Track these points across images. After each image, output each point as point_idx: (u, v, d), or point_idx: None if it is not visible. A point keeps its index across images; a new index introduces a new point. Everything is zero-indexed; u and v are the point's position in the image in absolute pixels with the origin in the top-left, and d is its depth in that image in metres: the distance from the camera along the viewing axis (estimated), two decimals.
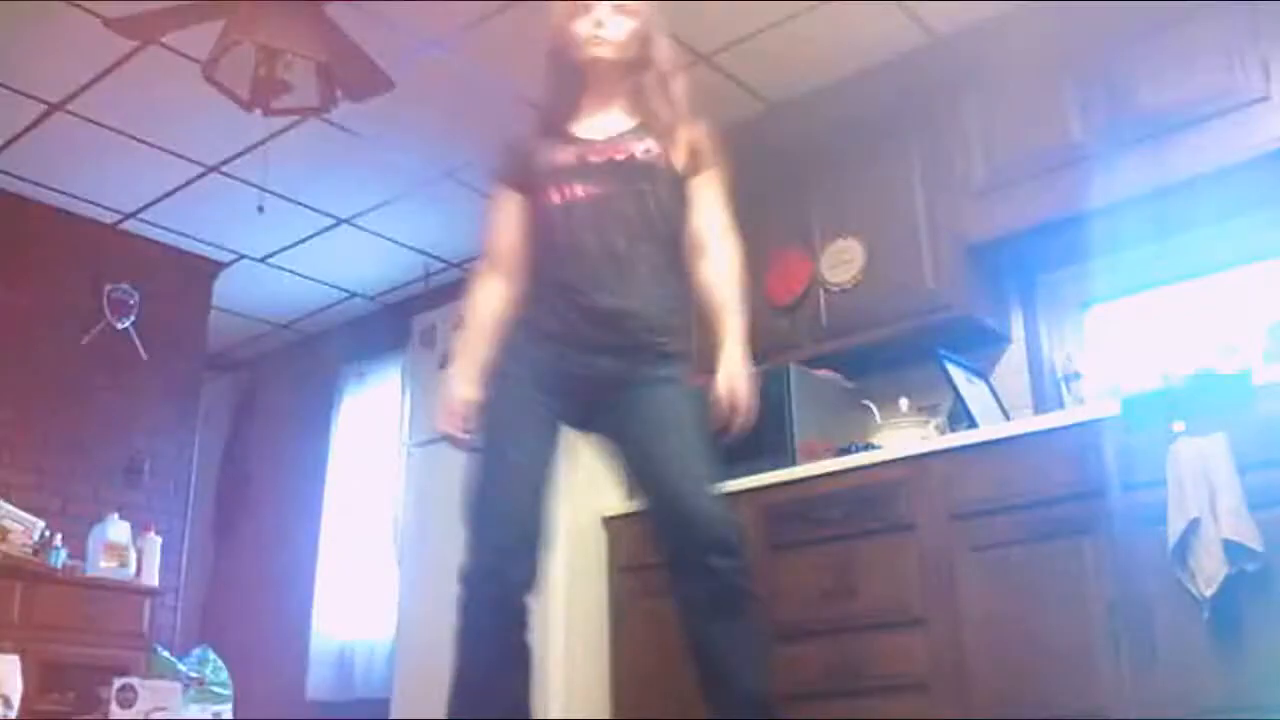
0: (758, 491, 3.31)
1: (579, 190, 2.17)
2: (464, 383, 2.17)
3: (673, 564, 2.07)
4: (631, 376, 2.12)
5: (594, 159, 2.20)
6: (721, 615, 2.01)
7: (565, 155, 2.22)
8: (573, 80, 2.30)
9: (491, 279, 2.26)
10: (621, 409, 2.13)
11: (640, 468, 2.13)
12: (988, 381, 3.55)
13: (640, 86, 2.28)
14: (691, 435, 2.10)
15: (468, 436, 2.15)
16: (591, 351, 2.12)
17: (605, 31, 2.23)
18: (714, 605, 2.01)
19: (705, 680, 2.02)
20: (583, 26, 2.24)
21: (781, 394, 3.47)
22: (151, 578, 4.49)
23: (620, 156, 2.20)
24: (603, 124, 2.27)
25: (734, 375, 2.13)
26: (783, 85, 4.07)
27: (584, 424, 2.20)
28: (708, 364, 2.15)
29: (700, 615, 2.03)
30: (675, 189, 2.23)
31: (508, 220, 2.27)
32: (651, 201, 2.19)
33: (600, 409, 2.15)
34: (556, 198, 2.19)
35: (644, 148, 2.21)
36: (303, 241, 5.31)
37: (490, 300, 2.24)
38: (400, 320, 5.14)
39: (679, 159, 2.24)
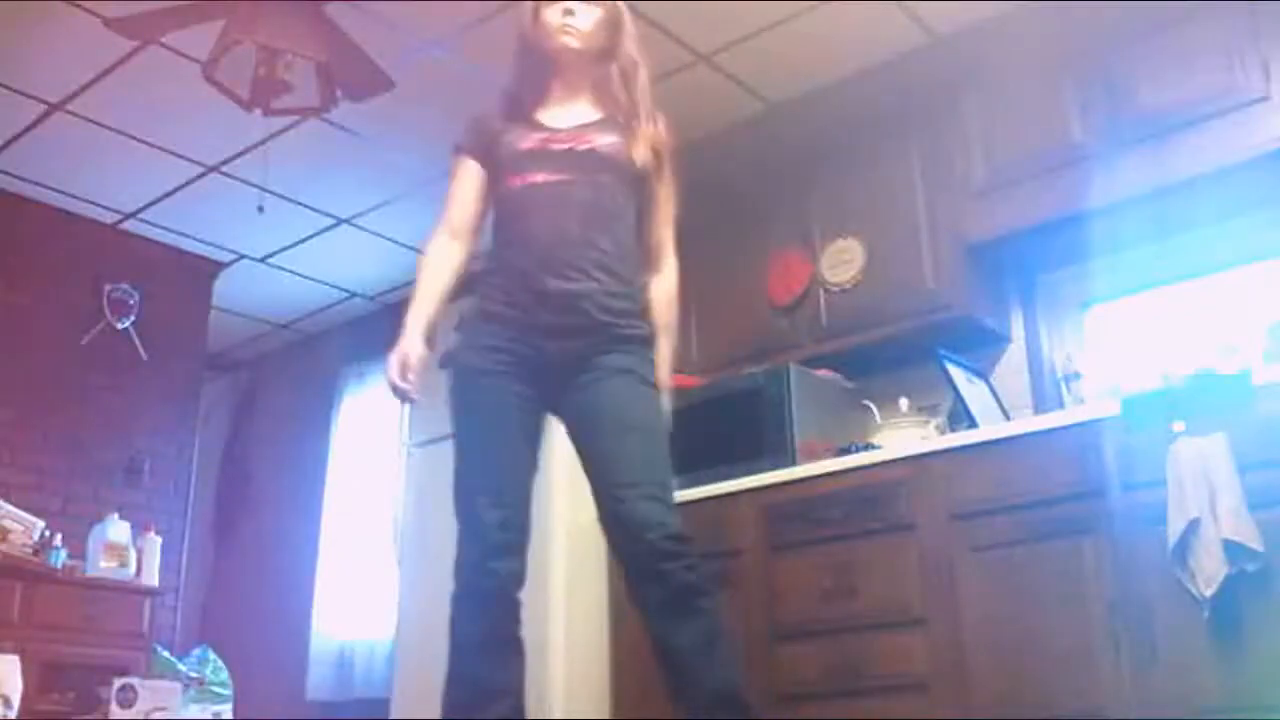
0: (758, 491, 3.31)
1: (538, 176, 2.20)
2: (417, 338, 2.21)
3: (624, 568, 2.09)
4: (585, 360, 2.13)
5: (555, 146, 2.23)
6: (677, 615, 2.01)
7: (528, 142, 2.25)
8: (541, 69, 2.32)
9: (448, 243, 2.30)
10: (575, 405, 2.15)
11: (588, 470, 2.14)
12: (988, 381, 3.54)
13: (606, 77, 2.30)
14: (639, 436, 2.11)
15: (415, 391, 2.19)
16: (544, 335, 2.14)
17: (574, 20, 2.26)
18: (668, 606, 2.02)
19: (672, 682, 2.03)
20: (552, 15, 2.26)
21: (781, 394, 3.47)
22: (151, 578, 4.49)
23: (582, 147, 2.22)
24: (569, 113, 2.29)
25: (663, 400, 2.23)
26: (783, 85, 4.06)
27: (553, 408, 2.21)
28: None
29: (657, 617, 2.04)
30: (633, 184, 2.25)
31: (469, 192, 2.31)
32: (608, 193, 2.21)
33: (560, 395, 2.16)
34: (516, 182, 2.22)
35: (607, 140, 2.23)
36: (303, 241, 5.31)
37: (446, 262, 2.28)
38: (400, 320, 5.12)
39: (640, 155, 2.25)
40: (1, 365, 4.70)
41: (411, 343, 2.19)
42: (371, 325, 5.98)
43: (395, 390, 2.19)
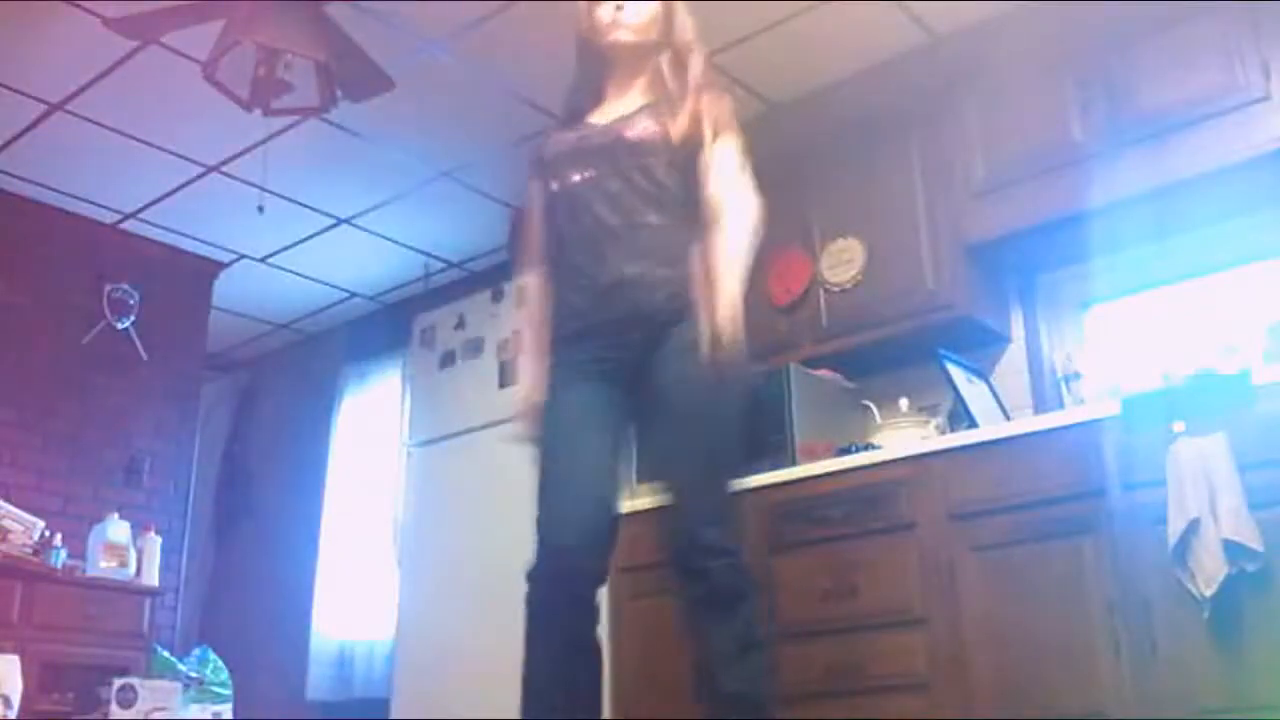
0: (758, 491, 3.30)
1: (575, 176, 2.21)
2: (533, 385, 2.24)
3: (670, 560, 2.08)
4: (651, 347, 2.11)
5: (589, 143, 2.23)
6: (708, 614, 2.01)
7: (564, 144, 2.26)
8: (597, 66, 2.33)
9: (532, 275, 2.34)
10: (642, 398, 2.13)
11: (652, 459, 2.15)
12: (988, 381, 3.55)
13: (658, 68, 2.30)
14: (695, 427, 2.08)
15: (538, 435, 2.21)
16: (610, 333, 2.14)
17: (624, 15, 2.27)
18: (701, 603, 2.02)
19: (697, 680, 2.03)
20: (604, 12, 2.28)
21: (781, 394, 3.47)
22: (151, 578, 4.49)
23: (612, 138, 2.22)
24: (618, 107, 2.29)
25: (722, 314, 2.07)
26: (783, 85, 4.07)
27: (632, 406, 2.18)
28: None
29: (691, 612, 2.04)
30: (673, 160, 2.21)
31: (533, 213, 2.33)
32: (642, 177, 2.19)
33: (634, 390, 2.14)
34: (555, 186, 2.24)
35: (640, 126, 2.22)
36: (303, 241, 5.31)
37: (537, 297, 2.31)
38: (400, 320, 5.14)
39: (679, 130, 2.22)
40: (1, 365, 4.70)
41: (531, 393, 2.25)
42: (371, 325, 5.98)
43: (524, 438, 2.23)
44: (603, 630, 3.49)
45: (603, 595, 3.51)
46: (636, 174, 2.19)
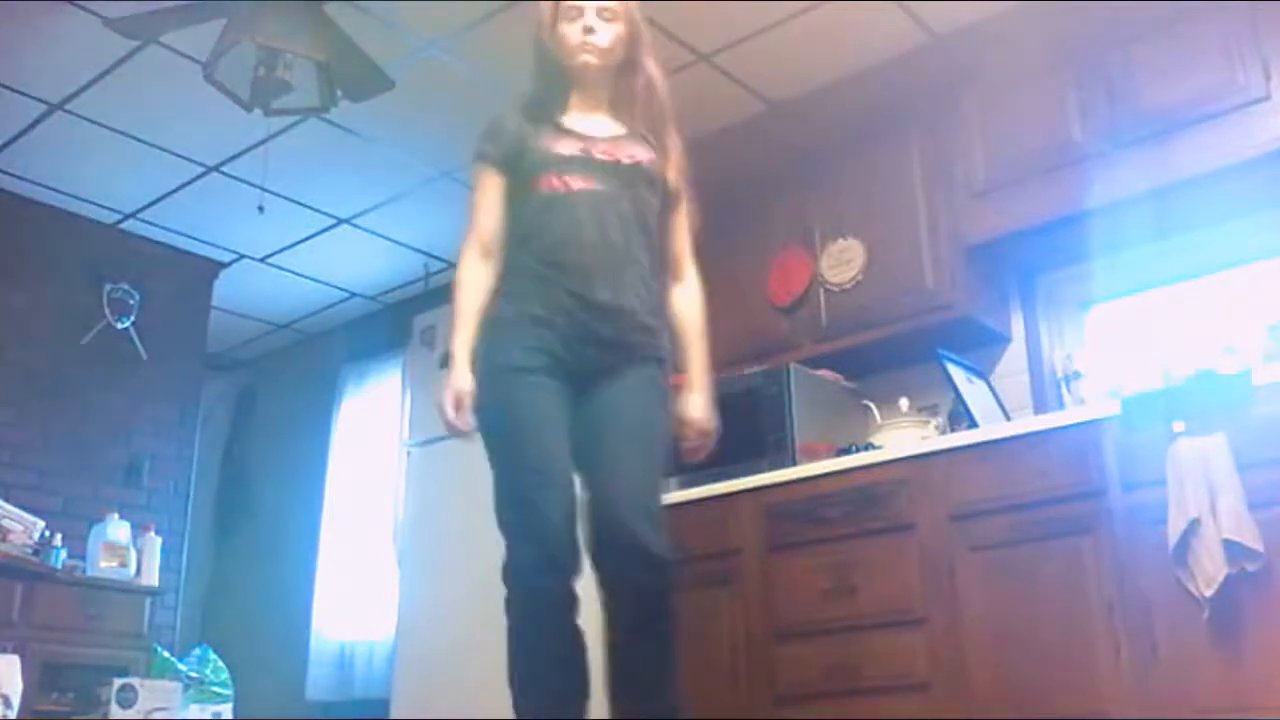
0: (758, 491, 3.31)
1: (579, 183, 2.18)
2: (466, 372, 2.14)
3: (596, 568, 2.05)
4: (613, 370, 2.14)
5: (598, 156, 2.21)
6: (632, 632, 2.02)
7: (565, 147, 2.21)
8: (561, 81, 2.31)
9: (479, 262, 2.24)
10: (591, 407, 2.13)
11: (586, 462, 2.10)
12: (988, 381, 3.55)
13: (630, 93, 2.29)
14: (644, 448, 2.10)
15: (470, 426, 2.13)
16: (584, 341, 2.13)
17: (594, 38, 2.24)
18: (627, 619, 2.02)
19: (612, 692, 2.03)
20: (572, 33, 2.24)
21: (781, 394, 3.47)
22: (151, 578, 4.49)
23: (625, 160, 2.22)
24: (593, 123, 2.28)
25: (703, 402, 2.23)
26: (783, 85, 4.07)
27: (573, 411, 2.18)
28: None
29: (613, 626, 2.03)
30: (663, 200, 2.27)
31: (494, 202, 2.26)
32: (647, 207, 2.22)
33: (579, 399, 2.15)
34: (559, 186, 2.18)
35: (646, 155, 2.24)
36: (303, 241, 5.31)
37: (480, 283, 2.22)
38: (400, 320, 5.14)
39: (673, 173, 2.28)
40: (1, 365, 4.70)
41: (462, 377, 2.13)
42: (371, 325, 5.98)
43: (451, 428, 2.13)
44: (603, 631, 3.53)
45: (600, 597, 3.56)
46: (642, 202, 2.21)
